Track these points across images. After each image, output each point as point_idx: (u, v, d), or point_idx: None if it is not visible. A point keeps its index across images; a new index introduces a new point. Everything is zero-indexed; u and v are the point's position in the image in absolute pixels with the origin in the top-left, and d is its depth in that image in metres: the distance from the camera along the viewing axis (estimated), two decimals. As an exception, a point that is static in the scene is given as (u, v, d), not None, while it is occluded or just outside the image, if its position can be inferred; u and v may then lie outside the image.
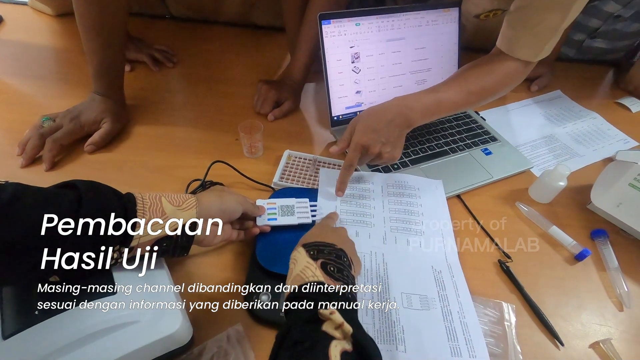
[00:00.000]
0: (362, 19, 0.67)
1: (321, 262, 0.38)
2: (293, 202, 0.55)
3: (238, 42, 0.99)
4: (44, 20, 0.98)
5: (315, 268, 0.37)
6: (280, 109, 0.77)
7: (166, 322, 0.39)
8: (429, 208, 0.59)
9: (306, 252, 0.39)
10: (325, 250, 0.40)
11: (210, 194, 0.46)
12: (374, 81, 0.72)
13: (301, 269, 0.37)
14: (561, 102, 0.90)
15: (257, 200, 0.54)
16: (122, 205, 0.38)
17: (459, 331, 0.45)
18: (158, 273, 0.43)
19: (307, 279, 0.36)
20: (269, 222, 0.53)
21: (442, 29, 0.75)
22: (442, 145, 0.72)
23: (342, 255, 0.41)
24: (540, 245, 0.59)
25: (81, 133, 0.66)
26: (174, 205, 0.41)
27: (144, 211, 0.39)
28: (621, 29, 0.91)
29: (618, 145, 0.78)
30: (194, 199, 0.43)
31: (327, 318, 0.32)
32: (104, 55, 0.66)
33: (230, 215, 0.47)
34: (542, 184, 0.64)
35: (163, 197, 0.41)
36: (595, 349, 0.48)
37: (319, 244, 0.41)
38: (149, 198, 0.40)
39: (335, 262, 0.39)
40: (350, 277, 0.39)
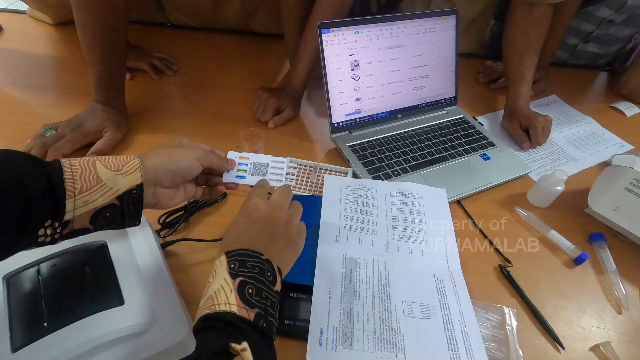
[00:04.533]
0: (361, 28, 0.68)
1: (240, 281, 0.34)
2: (268, 160, 0.50)
3: (237, 50, 0.99)
4: (43, 29, 0.98)
5: (230, 291, 0.33)
6: (280, 116, 0.77)
7: (173, 332, 0.39)
8: (432, 216, 0.60)
9: (227, 264, 0.35)
10: (249, 264, 0.36)
11: (157, 152, 0.41)
12: (373, 88, 0.73)
13: (216, 289, 0.34)
14: (557, 106, 0.91)
15: (229, 152, 0.49)
16: (44, 173, 0.33)
17: (459, 340, 0.46)
18: (163, 283, 0.44)
19: (219, 306, 0.32)
20: (237, 180, 0.48)
21: (440, 36, 0.76)
22: (441, 151, 0.72)
23: (266, 269, 0.36)
24: (539, 249, 0.60)
25: (83, 142, 0.66)
26: (112, 169, 0.36)
27: (74, 179, 0.34)
28: (613, 33, 0.93)
29: (613, 149, 0.80)
30: (136, 160, 0.38)
31: (238, 353, 0.29)
32: (105, 65, 0.67)
33: (185, 176, 0.42)
34: (540, 188, 0.65)
35: (98, 162, 0.36)
36: (596, 352, 0.49)
37: (244, 253, 0.36)
38: (80, 164, 0.35)
39: (256, 282, 0.35)
40: (270, 298, 0.35)
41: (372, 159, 0.69)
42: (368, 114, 0.74)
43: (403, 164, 0.69)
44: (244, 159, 0.49)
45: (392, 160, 0.69)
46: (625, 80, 0.94)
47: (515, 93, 0.80)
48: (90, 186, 0.35)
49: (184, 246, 0.55)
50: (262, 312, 0.34)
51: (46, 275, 0.40)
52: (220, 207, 0.62)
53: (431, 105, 0.80)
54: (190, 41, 1.00)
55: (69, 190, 0.34)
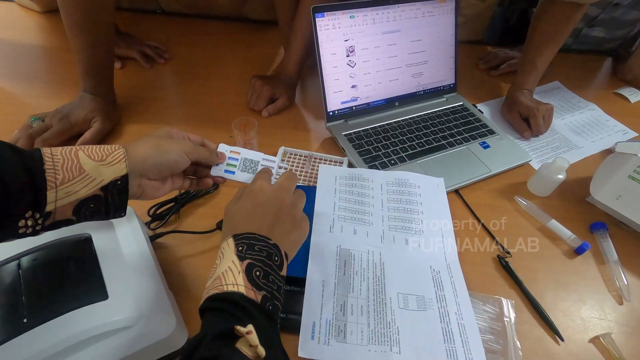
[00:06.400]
0: (357, 11, 0.66)
1: (248, 263, 0.34)
2: (259, 157, 0.49)
3: (231, 37, 0.97)
4: (32, 17, 0.96)
5: (238, 272, 0.33)
6: (274, 105, 0.75)
7: (160, 326, 0.38)
8: (430, 206, 0.58)
9: (235, 246, 0.35)
10: (257, 247, 0.35)
11: (145, 143, 0.40)
12: (369, 75, 0.71)
13: (224, 270, 0.34)
14: (559, 93, 0.89)
15: (220, 145, 0.48)
16: (22, 163, 0.32)
17: (455, 333, 0.45)
18: (150, 276, 0.42)
19: (226, 287, 0.32)
20: (225, 175, 0.47)
21: (438, 20, 0.74)
22: (439, 139, 0.70)
23: (273, 253, 0.36)
24: (539, 239, 0.58)
25: (71, 133, 0.65)
26: (95, 159, 0.35)
27: (55, 170, 0.33)
28: (619, 16, 0.90)
29: (617, 137, 0.78)
30: (121, 150, 0.37)
31: (243, 335, 0.29)
32: (92, 53, 0.64)
33: (172, 169, 0.41)
34: (540, 177, 0.63)
35: (80, 151, 0.35)
36: (595, 344, 0.48)
37: (252, 237, 0.36)
38: (62, 153, 0.34)
39: (263, 265, 0.35)
40: (277, 282, 0.35)
41: (368, 148, 0.67)
42: (364, 102, 0.72)
43: (400, 153, 0.67)
44: (234, 154, 0.48)
45: (389, 149, 0.67)
46: (629, 66, 0.91)
47: (522, 81, 0.78)
48: (72, 176, 0.34)
49: (175, 238, 0.54)
50: (268, 295, 0.34)
51: (27, 269, 0.38)
52: (211, 198, 0.60)
53: (430, 92, 0.78)
54: (183, 29, 0.98)
55: (50, 180, 0.33)
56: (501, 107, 0.81)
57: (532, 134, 0.75)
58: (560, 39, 0.76)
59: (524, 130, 0.75)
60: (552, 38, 0.76)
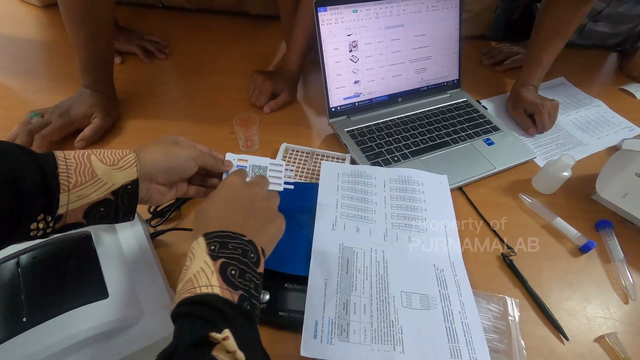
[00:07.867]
0: (360, 6, 0.65)
1: (222, 262, 0.32)
2: (266, 162, 0.49)
3: (232, 32, 0.95)
4: (31, 12, 0.95)
5: (212, 273, 0.31)
6: (276, 101, 0.74)
7: (161, 326, 0.38)
8: (433, 204, 0.57)
9: (206, 246, 0.33)
10: (230, 245, 0.34)
11: (155, 148, 0.40)
12: (372, 70, 0.70)
13: (196, 271, 0.31)
14: (565, 89, 0.88)
15: (227, 154, 0.48)
16: (37, 167, 0.32)
17: (459, 332, 0.44)
18: (151, 274, 0.42)
19: (199, 289, 0.30)
20: None
21: (443, 14, 0.73)
22: (443, 136, 0.70)
23: (249, 250, 0.34)
24: (544, 237, 0.58)
25: (71, 129, 0.64)
26: (107, 164, 0.35)
27: (68, 173, 0.33)
28: (624, 11, 0.88)
29: (623, 134, 0.77)
30: (132, 155, 0.37)
31: (219, 342, 0.27)
32: (91, 47, 0.64)
33: (180, 174, 0.41)
34: (545, 174, 0.63)
35: (93, 155, 0.35)
36: (601, 343, 0.48)
37: (224, 235, 0.34)
38: (75, 157, 0.34)
39: (238, 263, 0.33)
40: (254, 280, 0.33)
41: (371, 144, 0.66)
42: (367, 98, 0.71)
43: (403, 150, 0.66)
44: (242, 162, 0.48)
45: (391, 146, 0.67)
46: (635, 62, 0.90)
47: (527, 77, 0.77)
48: (84, 180, 0.34)
49: (176, 236, 0.53)
50: (245, 294, 0.32)
51: (26, 267, 0.38)
52: (213, 195, 0.60)
53: (433, 88, 0.77)
54: (183, 23, 0.96)
55: (63, 184, 0.33)
56: (505, 103, 0.80)
57: (537, 130, 0.74)
58: (567, 34, 0.75)
59: (528, 126, 0.74)
60: (558, 33, 0.75)
